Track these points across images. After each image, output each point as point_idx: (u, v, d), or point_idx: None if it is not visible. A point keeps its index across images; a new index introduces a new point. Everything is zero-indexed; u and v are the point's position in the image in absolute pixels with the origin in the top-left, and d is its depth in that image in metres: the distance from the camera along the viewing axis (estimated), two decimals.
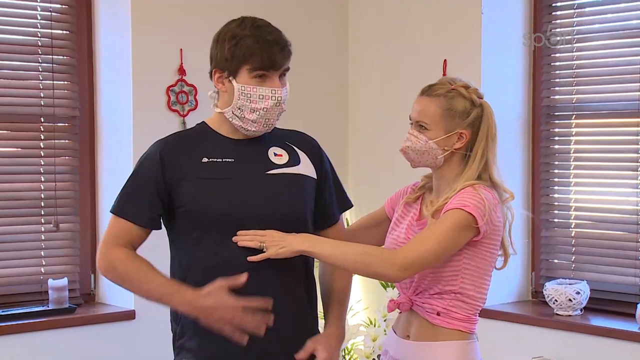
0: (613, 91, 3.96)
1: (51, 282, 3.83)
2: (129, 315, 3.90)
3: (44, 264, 3.93)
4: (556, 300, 3.79)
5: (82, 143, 4.02)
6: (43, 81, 3.92)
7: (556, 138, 4.10)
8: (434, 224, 2.36)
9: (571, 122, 4.04)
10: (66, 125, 4.00)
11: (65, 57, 3.98)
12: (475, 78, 3.54)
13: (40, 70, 3.93)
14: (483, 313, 2.55)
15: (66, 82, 3.99)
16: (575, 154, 4.03)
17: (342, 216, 2.57)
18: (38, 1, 3.92)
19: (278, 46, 2.30)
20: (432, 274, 2.40)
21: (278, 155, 2.41)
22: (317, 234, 2.42)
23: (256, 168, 2.37)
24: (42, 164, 3.94)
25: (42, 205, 3.93)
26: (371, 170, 4.48)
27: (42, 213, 3.93)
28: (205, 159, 2.35)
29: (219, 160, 2.35)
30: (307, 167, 2.43)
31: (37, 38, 3.92)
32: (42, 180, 3.94)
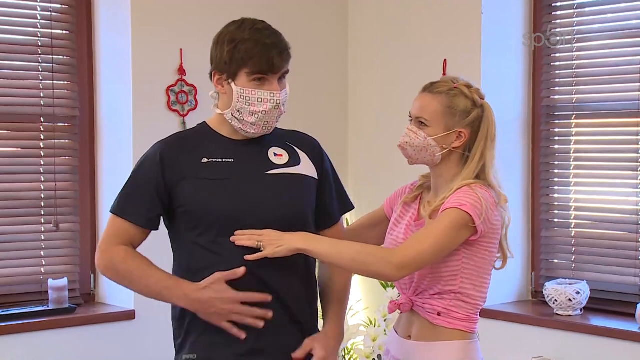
0: (613, 91, 3.96)
1: (51, 282, 3.83)
2: (129, 315, 3.90)
3: (44, 264, 3.93)
4: (556, 300, 3.79)
5: (82, 143, 4.02)
6: (43, 81, 3.92)
7: (556, 138, 4.10)
8: (431, 224, 2.37)
9: (571, 122, 4.04)
10: (66, 125, 4.00)
11: (65, 57, 3.98)
12: (475, 78, 3.54)
13: (40, 70, 3.92)
14: (483, 313, 2.54)
15: (66, 82, 3.99)
16: (575, 154, 4.03)
17: (342, 216, 2.56)
18: (38, 1, 3.92)
19: (277, 50, 2.30)
20: (432, 274, 2.40)
21: (278, 155, 2.41)
22: (317, 234, 2.42)
23: (256, 168, 2.37)
24: (42, 164, 3.94)
25: (42, 205, 3.93)
26: (371, 170, 4.48)
27: (42, 213, 3.93)
28: (205, 159, 2.35)
29: (219, 160, 2.35)
30: (308, 167, 2.43)
31: (37, 38, 3.92)
32: (42, 180, 3.94)
